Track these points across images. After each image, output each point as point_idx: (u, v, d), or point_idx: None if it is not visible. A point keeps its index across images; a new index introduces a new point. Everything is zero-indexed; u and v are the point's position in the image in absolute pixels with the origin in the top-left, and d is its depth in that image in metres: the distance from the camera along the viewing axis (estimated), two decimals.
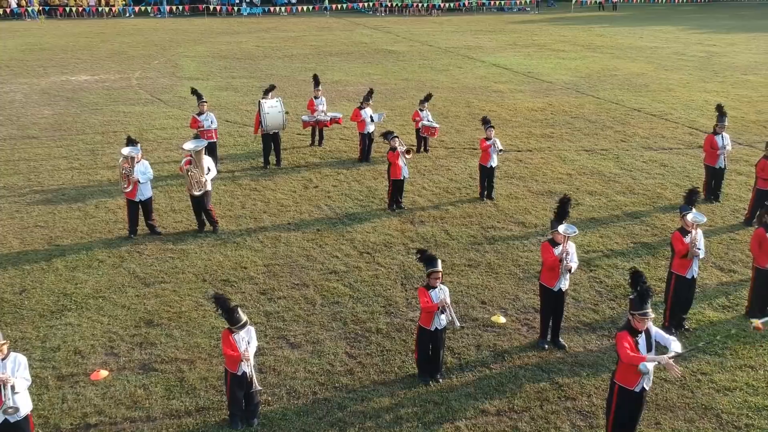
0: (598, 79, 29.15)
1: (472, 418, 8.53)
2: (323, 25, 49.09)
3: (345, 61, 33.78)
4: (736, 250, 13.03)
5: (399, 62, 33.54)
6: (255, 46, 39.13)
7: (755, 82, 28.29)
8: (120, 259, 12.76)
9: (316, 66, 32.49)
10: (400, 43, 40.09)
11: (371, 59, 34.40)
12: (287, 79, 29.59)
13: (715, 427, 8.33)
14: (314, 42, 40.45)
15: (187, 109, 23.93)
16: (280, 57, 35.28)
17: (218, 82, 28.83)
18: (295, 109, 23.52)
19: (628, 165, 17.90)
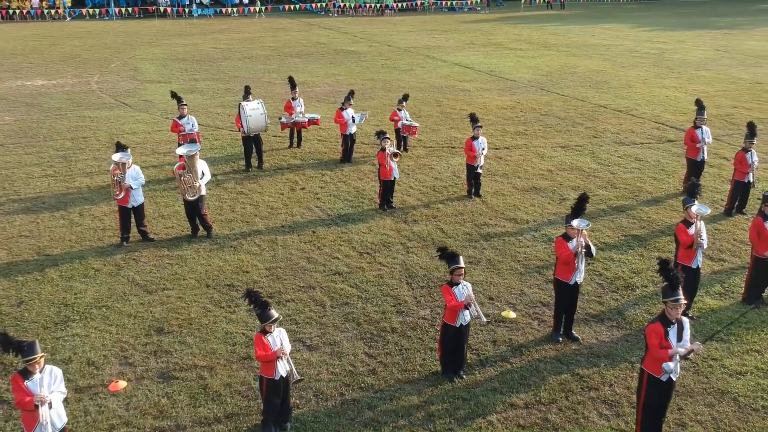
0: (559, 76, 29.76)
1: (502, 411, 8.67)
2: (278, 26, 48.80)
3: (307, 62, 33.65)
4: (722, 240, 13.51)
5: (361, 62, 33.60)
6: (212, 47, 38.68)
7: (709, 78, 29.30)
8: (116, 267, 12.50)
9: (279, 67, 32.37)
10: (359, 43, 40.15)
11: (333, 60, 34.36)
12: (251, 80, 29.25)
13: (735, 410, 8.66)
14: (272, 43, 40.20)
15: (155, 113, 23.58)
16: (240, 58, 34.95)
17: (181, 84, 28.37)
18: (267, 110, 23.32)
19: (604, 160, 18.36)
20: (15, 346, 7.05)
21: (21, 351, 7.02)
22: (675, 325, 7.52)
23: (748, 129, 14.47)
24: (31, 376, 7.05)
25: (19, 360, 7.22)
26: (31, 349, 7.02)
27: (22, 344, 7.04)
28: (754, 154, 14.33)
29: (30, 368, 7.06)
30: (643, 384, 7.73)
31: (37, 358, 7.05)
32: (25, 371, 7.09)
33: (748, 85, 27.79)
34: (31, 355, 7.01)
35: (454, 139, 20.38)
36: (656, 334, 7.42)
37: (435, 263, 12.59)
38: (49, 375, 7.15)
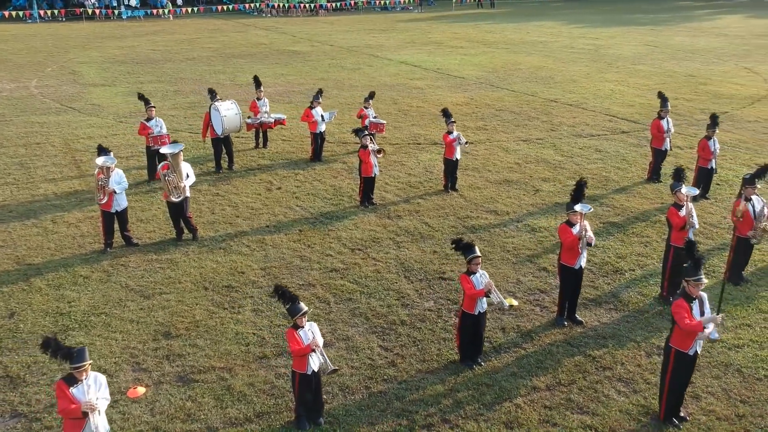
0: (505, 73, 30.45)
1: (526, 395, 8.94)
2: (212, 26, 48.05)
3: (251, 63, 33.32)
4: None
5: (307, 62, 33.50)
6: (150, 49, 37.80)
7: (646, 72, 30.54)
8: (105, 273, 12.19)
9: (224, 68, 31.96)
10: (300, 43, 39.99)
11: (277, 60, 34.14)
12: (198, 82, 28.90)
13: (740, 380, 9.19)
14: (211, 44, 39.59)
15: (107, 117, 22.99)
16: (181, 60, 34.29)
17: (127, 87, 27.66)
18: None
19: (567, 152, 18.96)
20: (64, 353, 6.86)
21: (70, 357, 6.84)
22: (696, 301, 7.93)
23: (710, 119, 15.24)
24: (76, 383, 6.87)
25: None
26: (80, 356, 6.84)
27: (71, 350, 6.87)
28: (716, 142, 15.10)
29: (77, 375, 6.87)
30: (671, 360, 8.12)
31: (86, 366, 6.87)
32: (70, 378, 6.90)
33: (683, 78, 29.12)
34: (80, 362, 6.83)
35: (418, 136, 20.64)
36: (683, 308, 7.82)
37: (428, 257, 12.81)
38: (94, 382, 6.98)
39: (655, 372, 9.35)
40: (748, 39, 40.47)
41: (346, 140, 20.18)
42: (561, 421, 8.43)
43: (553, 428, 8.31)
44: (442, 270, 12.29)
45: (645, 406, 8.68)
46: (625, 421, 8.43)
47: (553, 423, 8.40)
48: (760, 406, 8.68)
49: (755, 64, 32.23)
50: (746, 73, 30.07)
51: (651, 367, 9.46)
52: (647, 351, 9.85)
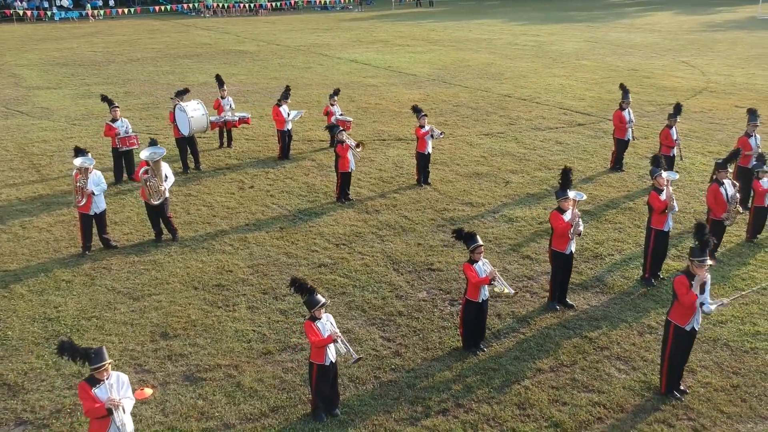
0: (455, 70, 30.89)
1: (533, 377, 9.19)
2: (151, 27, 47.09)
3: (199, 63, 32.87)
4: None
5: (256, 62, 33.24)
6: (90, 51, 36.85)
7: (591, 67, 31.48)
8: (88, 277, 11.91)
9: (172, 69, 31.45)
10: (246, 43, 39.62)
11: (226, 60, 33.75)
12: (147, 83, 28.40)
13: (729, 354, 9.67)
14: (153, 45, 38.83)
15: (58, 120, 22.36)
16: (125, 61, 33.53)
17: (74, 90, 26.96)
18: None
19: (529, 144, 19.43)
20: (82, 354, 6.73)
21: (88, 359, 6.72)
22: (695, 279, 8.32)
23: (673, 109, 15.89)
24: (98, 383, 6.75)
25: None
26: (99, 356, 6.73)
27: (89, 351, 6.74)
28: (676, 131, 15.75)
29: (98, 376, 6.75)
30: (670, 335, 8.50)
31: (105, 365, 6.75)
32: (92, 379, 6.78)
33: (627, 72, 30.12)
34: (99, 363, 6.72)
35: (381, 132, 20.80)
36: (683, 284, 8.20)
37: (413, 249, 12.97)
38: (116, 381, 6.87)
39: (649, 350, 9.75)
40: (680, 35, 42.11)
41: (311, 138, 20.19)
42: (570, 400, 8.71)
43: (564, 407, 8.59)
44: (430, 261, 12.47)
45: (646, 382, 9.05)
46: (630, 397, 8.77)
47: (563, 402, 8.67)
48: (751, 376, 9.16)
49: (691, 58, 33.60)
50: (684, 66, 31.32)
51: (645, 346, 9.86)
52: (639, 330, 10.25)
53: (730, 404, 8.62)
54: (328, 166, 17.67)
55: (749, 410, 8.53)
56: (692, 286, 8.27)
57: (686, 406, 8.58)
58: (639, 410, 8.53)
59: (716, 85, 27.01)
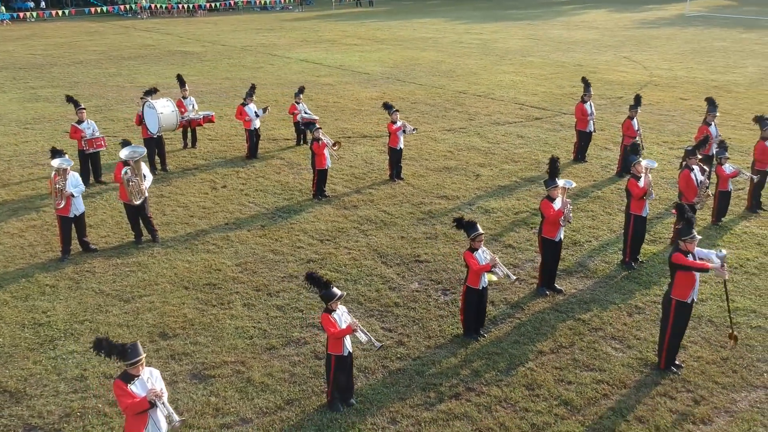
0: (407, 68, 31.20)
1: (535, 359, 9.49)
2: (89, 29, 45.85)
3: (146, 64, 32.26)
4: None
5: (205, 62, 32.82)
6: (29, 54, 35.69)
7: (538, 63, 32.27)
8: (72, 281, 11.66)
9: (119, 70, 30.78)
10: (190, 44, 39.04)
11: (173, 61, 33.21)
12: (95, 85, 27.74)
13: (714, 329, 10.19)
14: (94, 47, 37.86)
15: (9, 125, 21.68)
16: (68, 64, 32.63)
17: (19, 94, 26.12)
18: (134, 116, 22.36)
19: (492, 139, 19.85)
20: (118, 350, 6.66)
21: (124, 354, 6.64)
22: (690, 255, 8.76)
23: (634, 100, 16.52)
24: (133, 379, 6.69)
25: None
26: (134, 351, 6.66)
27: (125, 347, 6.66)
28: (638, 122, 16.39)
29: (133, 371, 6.69)
30: (671, 310, 8.90)
31: (141, 360, 6.70)
32: (126, 375, 6.70)
33: (573, 67, 31.01)
34: (135, 358, 6.65)
35: (346, 130, 20.89)
36: (681, 257, 8.62)
37: (398, 242, 13.15)
38: (150, 375, 6.82)
39: (640, 329, 10.19)
40: (617, 31, 43.53)
41: (276, 137, 20.13)
42: (575, 379, 9.04)
43: (570, 386, 8.91)
44: (416, 253, 12.67)
45: (642, 359, 9.46)
46: (630, 374, 9.16)
47: (569, 381, 8.99)
48: (738, 349, 9.68)
49: (631, 53, 34.81)
50: (627, 61, 32.43)
51: (636, 325, 10.29)
52: (628, 311, 10.69)
53: (723, 375, 9.10)
54: (299, 164, 17.71)
55: (741, 380, 9.02)
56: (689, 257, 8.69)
57: (683, 380, 9.01)
58: (640, 385, 8.92)
59: (659, 79, 28.10)
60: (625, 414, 8.38)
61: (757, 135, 14.70)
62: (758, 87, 26.38)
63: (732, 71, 29.68)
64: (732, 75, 28.84)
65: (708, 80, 27.87)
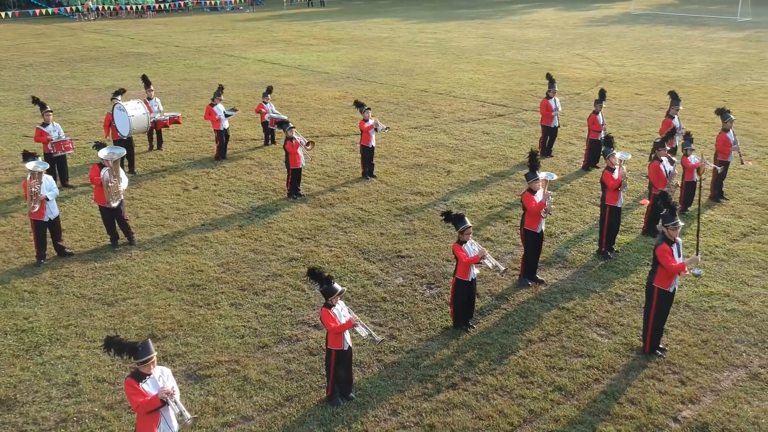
0: (366, 67, 31.30)
1: (526, 347, 9.72)
2: (35, 31, 44.67)
3: (99, 66, 31.64)
4: (596, 189, 15.73)
5: (161, 64, 32.34)
6: None
7: (494, 61, 32.73)
8: (51, 286, 11.43)
9: (72, 73, 30.13)
10: (143, 45, 38.39)
11: (127, 62, 32.64)
12: (49, 88, 27.08)
13: (692, 313, 10.57)
14: (43, 49, 36.93)
15: None
16: (17, 67, 31.79)
17: None
18: (96, 118, 22.02)
19: (458, 136, 20.11)
20: (128, 348, 6.60)
21: (135, 353, 6.60)
22: (675, 244, 9.10)
23: (599, 95, 16.96)
24: (145, 378, 6.64)
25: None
26: (145, 350, 6.63)
27: (135, 345, 6.61)
28: (603, 116, 16.83)
29: (144, 370, 6.65)
30: (654, 298, 9.22)
31: (153, 359, 6.66)
32: (138, 374, 6.66)
33: (529, 65, 31.57)
34: (146, 356, 6.62)
35: (312, 129, 20.88)
36: (667, 252, 8.94)
37: (378, 239, 13.25)
38: (161, 374, 6.78)
39: (623, 315, 10.51)
40: (568, 30, 44.43)
41: (243, 137, 20.01)
42: (565, 365, 9.29)
43: (562, 372, 9.15)
44: (397, 249, 12.79)
45: (628, 344, 9.77)
46: (618, 359, 9.45)
47: (560, 368, 9.24)
48: (716, 331, 10.07)
49: (584, 50, 35.59)
50: (580, 59, 33.15)
51: (618, 312, 10.61)
52: (609, 299, 11.01)
53: (705, 357, 9.47)
54: (269, 163, 17.66)
55: (722, 360, 9.40)
56: (674, 253, 9.02)
57: (669, 362, 9.35)
58: (629, 369, 9.22)
59: (614, 75, 28.83)
60: (617, 397, 8.66)
61: (712, 127, 15.27)
62: (707, 82, 27.30)
63: (681, 67, 30.63)
64: (681, 71, 29.77)
65: (659, 76, 28.71)
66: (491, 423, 8.21)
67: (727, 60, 32.22)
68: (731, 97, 24.48)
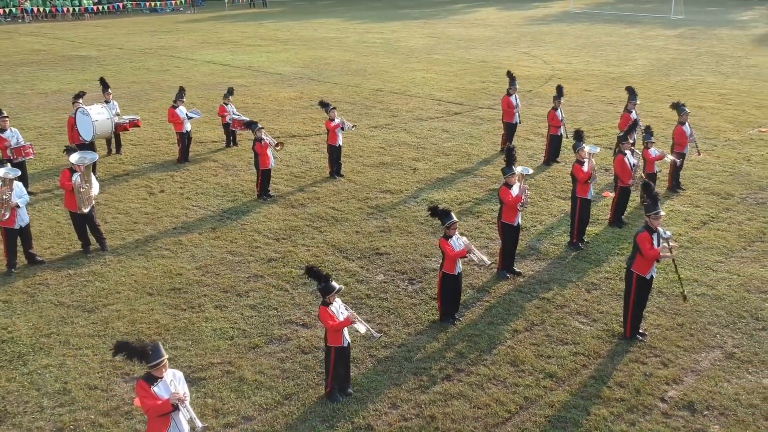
0: (317, 67, 31.30)
1: (512, 337, 9.99)
2: None
3: (43, 70, 30.76)
4: (558, 183, 16.20)
5: (106, 67, 31.63)
6: None
7: (444, 60, 33.15)
8: (27, 295, 11.17)
9: (14, 77, 29.22)
10: (84, 47, 37.46)
11: (71, 66, 31.83)
12: None
13: (665, 299, 11.03)
14: None
15: None
16: None
17: None
18: (47, 123, 21.50)
19: (419, 134, 20.35)
20: (139, 352, 6.55)
21: (146, 356, 6.55)
22: (655, 233, 9.49)
23: (557, 91, 17.44)
24: (156, 381, 6.61)
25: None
26: (156, 353, 6.58)
27: (146, 349, 6.56)
28: (562, 112, 17.32)
29: (156, 373, 6.61)
30: (633, 284, 9.61)
31: (164, 362, 6.63)
32: (149, 377, 6.62)
33: (478, 64, 32.10)
34: (158, 359, 6.58)
35: (272, 130, 20.75)
36: (646, 240, 9.33)
37: (354, 237, 13.36)
38: (173, 377, 6.76)
39: (601, 303, 10.90)
40: (511, 28, 45.27)
41: (203, 139, 19.81)
42: (553, 353, 9.59)
43: (550, 359, 9.45)
44: (375, 246, 12.92)
45: (609, 330, 10.14)
46: (601, 345, 9.81)
47: (548, 356, 9.54)
48: (689, 315, 10.54)
49: (529, 49, 36.36)
50: (527, 57, 33.87)
51: (596, 300, 10.99)
52: (585, 288, 11.39)
53: (682, 339, 9.91)
54: (234, 165, 17.56)
55: (698, 342, 9.86)
56: (653, 241, 9.41)
57: (650, 346, 9.75)
58: (613, 354, 9.58)
59: (562, 73, 29.57)
60: (606, 380, 9.00)
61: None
62: (651, 78, 28.28)
63: (625, 64, 31.63)
64: (626, 67, 30.74)
65: (605, 72, 29.59)
66: (489, 411, 8.43)
67: (667, 57, 33.42)
68: (675, 92, 25.43)
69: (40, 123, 21.61)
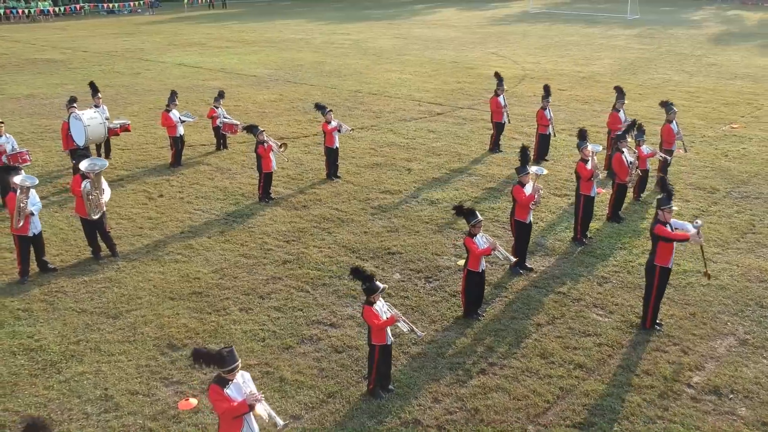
0: (291, 69, 31.31)
1: (537, 331, 10.34)
2: None
3: (9, 74, 30.12)
4: (554, 180, 16.66)
5: (74, 70, 31.13)
6: None
7: (416, 61, 33.48)
8: (46, 303, 11.08)
9: None
10: (47, 51, 36.71)
11: (38, 69, 31.20)
12: None
13: (674, 290, 11.45)
14: None
15: None
16: None
17: None
18: (26, 128, 21.15)
19: (406, 134, 20.62)
20: (216, 358, 6.66)
21: (222, 362, 6.67)
22: (668, 225, 9.94)
23: (544, 90, 17.91)
24: (227, 384, 6.73)
25: None
26: (232, 357, 6.71)
27: (222, 354, 6.67)
28: (550, 111, 17.80)
29: (228, 377, 6.73)
30: (656, 276, 10.03)
31: (239, 366, 6.75)
32: (221, 380, 6.74)
33: (450, 64, 32.52)
34: (233, 364, 6.71)
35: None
36: (664, 230, 9.77)
37: (363, 237, 13.56)
38: (242, 378, 6.89)
39: (614, 295, 11.33)
40: (475, 29, 45.89)
41: (192, 143, 19.72)
42: (578, 344, 9.97)
43: (576, 351, 9.82)
44: (386, 246, 13.14)
45: (626, 321, 10.57)
46: (622, 335, 10.23)
47: (574, 347, 9.91)
48: (699, 305, 11.05)
49: (497, 49, 36.97)
50: (496, 57, 34.45)
51: (609, 293, 11.42)
52: (597, 282, 11.81)
53: (697, 328, 10.39)
54: (228, 168, 17.57)
55: (712, 330, 10.35)
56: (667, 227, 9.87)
57: (668, 335, 10.20)
58: (635, 344, 10.00)
59: (533, 72, 30.20)
60: (633, 369, 9.41)
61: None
62: (620, 76, 29.07)
63: (592, 63, 32.44)
64: (594, 66, 31.55)
65: (575, 72, 30.32)
66: (529, 402, 8.75)
67: (631, 56, 34.37)
68: (645, 90, 26.25)
69: (20, 128, 21.19)
